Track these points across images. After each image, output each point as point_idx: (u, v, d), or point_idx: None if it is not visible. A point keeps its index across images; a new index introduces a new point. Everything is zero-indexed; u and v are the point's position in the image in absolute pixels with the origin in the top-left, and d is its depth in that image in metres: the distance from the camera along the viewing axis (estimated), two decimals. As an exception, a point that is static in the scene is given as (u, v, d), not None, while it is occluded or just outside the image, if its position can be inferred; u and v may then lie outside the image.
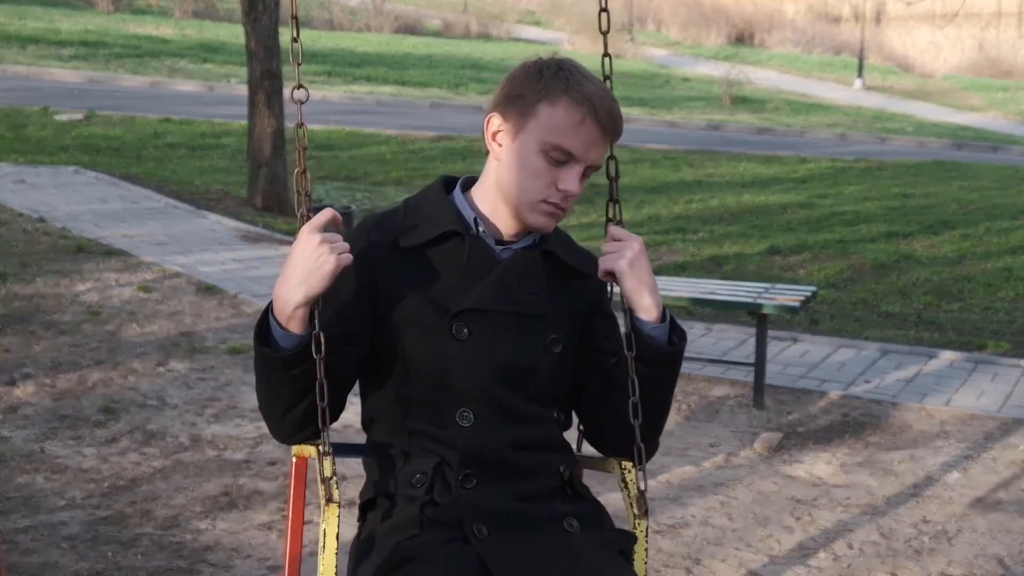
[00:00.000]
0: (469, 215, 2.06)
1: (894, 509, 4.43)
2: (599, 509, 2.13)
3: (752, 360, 5.70)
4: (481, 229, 2.05)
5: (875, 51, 36.37)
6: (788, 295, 5.72)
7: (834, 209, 12.41)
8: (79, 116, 14.10)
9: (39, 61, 20.06)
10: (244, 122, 10.65)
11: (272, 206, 9.95)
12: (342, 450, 2.12)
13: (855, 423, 5.47)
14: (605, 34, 2.12)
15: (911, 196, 13.75)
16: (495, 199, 2.05)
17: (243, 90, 10.93)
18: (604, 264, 2.00)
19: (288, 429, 2.01)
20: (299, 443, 2.06)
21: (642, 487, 2.07)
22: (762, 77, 30.11)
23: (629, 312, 2.02)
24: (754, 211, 12.03)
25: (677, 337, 2.04)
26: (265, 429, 4.97)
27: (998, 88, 32.87)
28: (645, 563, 2.10)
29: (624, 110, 2.07)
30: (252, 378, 5.58)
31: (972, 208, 13.08)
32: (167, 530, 3.92)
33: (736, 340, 6.82)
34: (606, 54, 2.11)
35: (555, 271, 2.08)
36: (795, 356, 6.55)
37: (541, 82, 1.97)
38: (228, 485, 4.31)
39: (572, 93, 1.95)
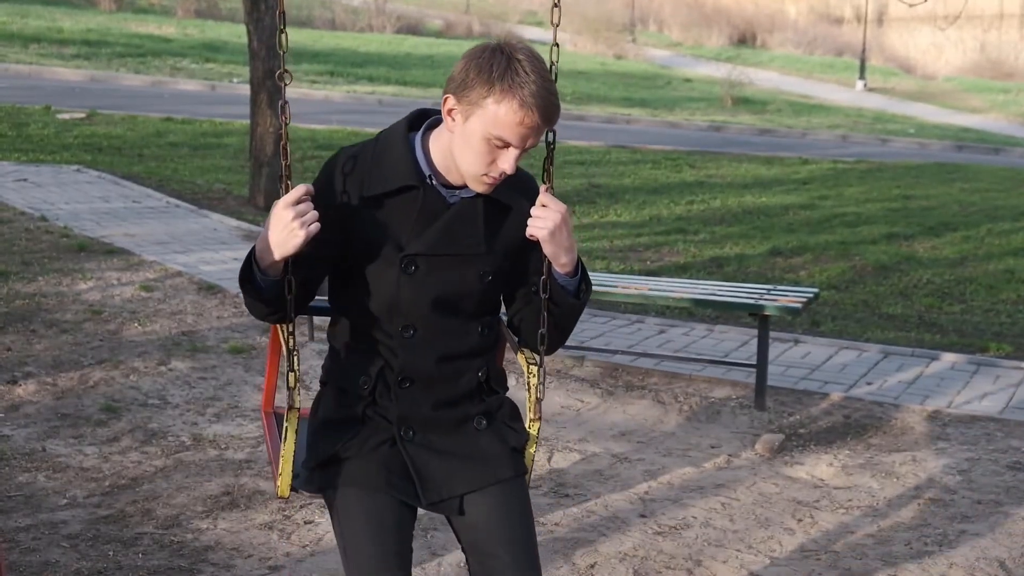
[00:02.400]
0: (425, 169, 2.41)
1: (895, 511, 4.43)
2: (505, 403, 2.56)
3: (753, 361, 5.69)
4: (434, 181, 2.41)
5: (877, 52, 36.38)
6: (790, 296, 5.72)
7: (835, 210, 12.41)
8: (81, 115, 14.10)
9: (41, 60, 20.07)
10: (246, 121, 10.66)
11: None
12: (311, 311, 2.83)
13: (857, 425, 5.47)
14: (556, 26, 2.46)
15: (912, 198, 13.75)
16: (447, 156, 2.39)
17: (245, 89, 10.95)
18: (530, 229, 2.37)
19: (266, 321, 2.51)
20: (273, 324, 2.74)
21: (540, 395, 2.52)
22: (763, 78, 30.11)
23: (547, 263, 2.41)
24: (755, 212, 12.03)
25: (585, 286, 2.48)
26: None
27: (999, 90, 32.86)
28: (534, 458, 2.57)
29: (625, 111, 2.15)
30: (253, 377, 5.56)
31: (973, 210, 13.08)
32: (168, 529, 3.92)
33: (737, 341, 6.82)
34: (555, 44, 2.45)
35: (494, 211, 2.45)
36: (797, 357, 6.55)
37: (490, 77, 2.26)
38: (229, 484, 4.31)
39: (515, 94, 2.25)
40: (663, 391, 5.81)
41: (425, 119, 2.48)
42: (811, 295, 5.83)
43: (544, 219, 2.35)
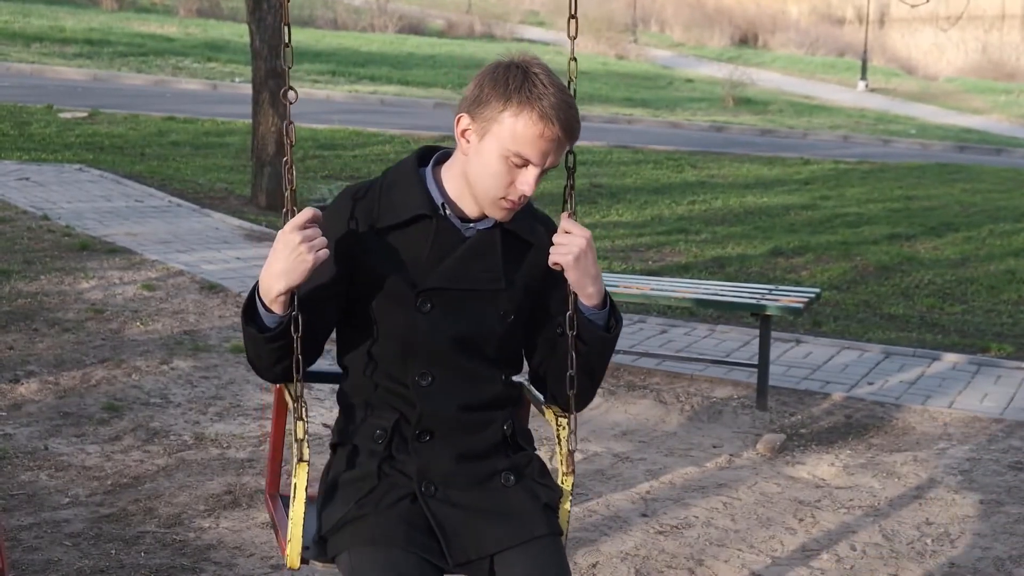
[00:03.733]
0: (438, 198, 2.28)
1: (897, 511, 4.43)
2: (534, 460, 2.37)
3: (755, 361, 5.69)
4: (448, 212, 2.28)
5: (878, 53, 36.37)
6: (792, 296, 5.72)
7: (837, 211, 12.41)
8: (83, 114, 14.11)
9: (43, 59, 20.08)
10: (248, 121, 10.66)
11: (276, 205, 9.95)
12: (316, 377, 2.64)
13: (858, 425, 5.47)
14: (573, 39, 2.35)
15: (914, 198, 13.75)
16: (462, 185, 2.26)
17: (247, 89, 10.96)
18: (553, 256, 2.22)
19: (271, 377, 2.28)
20: (280, 383, 2.43)
21: (572, 446, 2.35)
22: (765, 78, 30.12)
23: (573, 296, 2.26)
24: (757, 212, 12.03)
25: (615, 321, 2.31)
26: (269, 427, 4.96)
27: (1001, 90, 32.86)
28: (569, 515, 2.38)
29: (627, 111, 2.14)
30: (255, 377, 5.57)
31: (975, 210, 13.08)
32: (170, 528, 3.92)
33: (739, 341, 6.82)
34: (572, 58, 2.32)
35: (513, 245, 2.31)
36: (798, 357, 6.55)
37: (507, 91, 2.15)
38: (231, 483, 4.32)
39: (534, 107, 2.14)
40: (665, 391, 5.82)
41: (432, 154, 2.35)
42: (813, 295, 5.83)
43: (568, 245, 2.20)
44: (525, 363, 2.45)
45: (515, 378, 2.42)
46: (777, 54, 36.69)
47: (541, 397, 2.47)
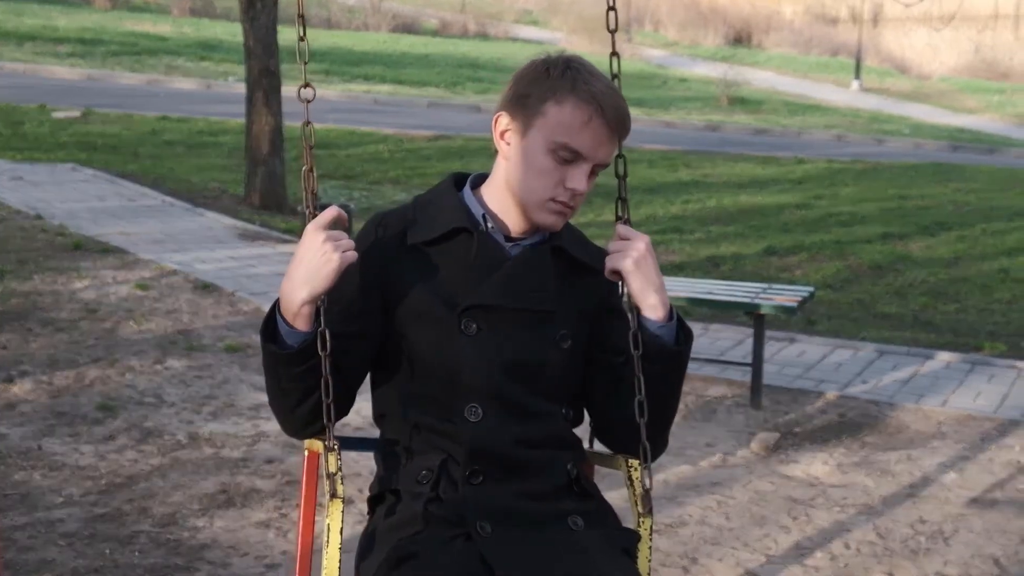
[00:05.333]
0: (478, 212, 2.06)
1: (891, 509, 4.44)
2: (605, 507, 2.11)
3: (749, 360, 5.70)
4: (490, 225, 2.05)
5: (872, 53, 36.40)
6: (786, 295, 5.73)
7: (831, 210, 12.43)
8: (76, 113, 14.08)
9: (36, 58, 20.04)
10: (242, 120, 10.64)
11: (270, 204, 9.95)
12: (350, 444, 2.18)
13: (852, 423, 5.48)
14: (613, 32, 2.13)
15: (908, 197, 13.77)
16: (504, 197, 2.05)
17: (241, 88, 10.94)
18: (611, 263, 1.99)
19: (297, 424, 2.01)
20: (309, 437, 2.07)
21: (647, 485, 2.07)
22: (759, 78, 30.13)
23: (635, 310, 2.01)
24: (751, 212, 12.04)
25: (684, 336, 2.03)
26: (263, 427, 4.97)
27: (994, 90, 32.90)
28: (649, 561, 2.11)
29: None
30: (249, 376, 5.55)
31: (968, 210, 13.10)
32: (164, 528, 3.91)
33: (733, 340, 6.83)
34: (614, 53, 2.12)
35: (565, 268, 2.07)
36: (792, 356, 6.56)
37: (548, 81, 1.97)
38: (225, 483, 4.31)
39: (579, 92, 1.95)
40: (659, 390, 5.81)
41: (467, 177, 2.13)
42: (806, 294, 5.84)
43: (626, 250, 1.97)
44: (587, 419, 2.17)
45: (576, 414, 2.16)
46: (771, 53, 36.69)
47: (608, 451, 2.18)
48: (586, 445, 2.20)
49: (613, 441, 2.16)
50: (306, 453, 2.17)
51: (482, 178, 2.12)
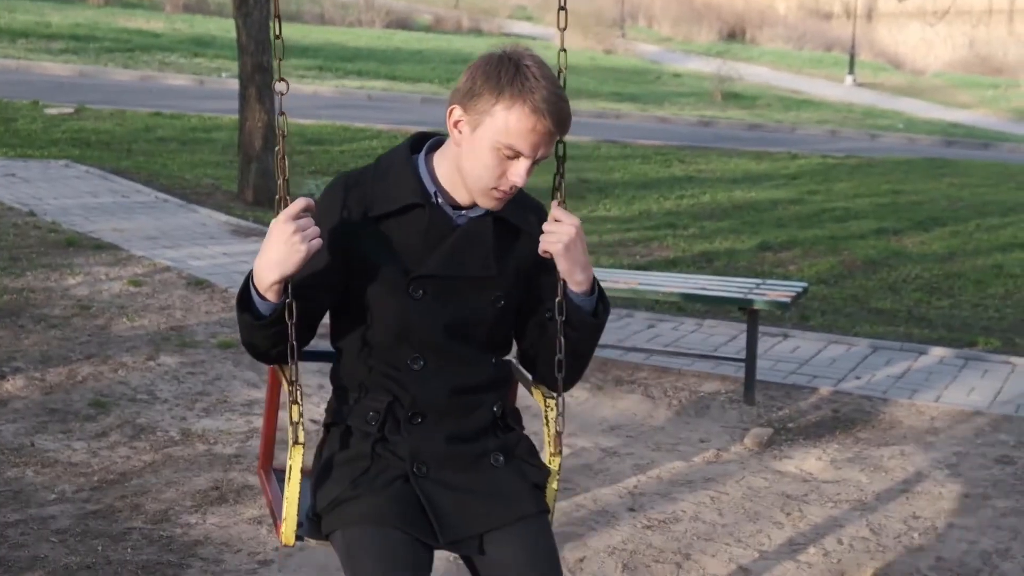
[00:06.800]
0: (430, 187, 2.33)
1: (884, 505, 4.44)
2: (523, 440, 2.45)
3: (743, 356, 5.70)
4: (440, 200, 2.33)
5: (866, 48, 36.43)
6: (779, 291, 5.73)
7: (825, 205, 12.44)
8: (69, 110, 14.05)
9: (29, 54, 19.99)
10: (235, 116, 10.64)
11: (263, 200, 9.93)
12: (310, 357, 2.68)
13: (845, 419, 5.48)
14: (563, 30, 2.34)
15: (901, 193, 13.79)
16: (453, 174, 2.31)
17: (234, 84, 10.93)
18: (543, 244, 2.28)
19: (265, 360, 2.38)
20: (273, 364, 2.47)
21: (560, 427, 2.41)
22: (753, 73, 30.14)
23: (562, 283, 2.31)
24: (745, 207, 12.05)
25: (603, 307, 2.36)
26: (255, 423, 4.97)
27: (988, 85, 32.96)
28: (556, 492, 2.45)
29: (615, 106, 2.14)
30: (242, 372, 5.55)
31: (962, 205, 13.12)
32: (157, 524, 3.91)
33: (726, 336, 6.83)
34: (562, 48, 2.32)
35: (504, 232, 2.36)
36: (786, 352, 6.56)
37: (499, 84, 2.18)
38: (218, 479, 4.31)
39: (527, 100, 2.17)
40: (652, 385, 5.82)
41: (426, 141, 2.40)
42: (800, 290, 5.84)
43: (557, 233, 2.26)
44: (514, 344, 2.50)
45: (504, 357, 2.48)
46: (765, 49, 36.72)
47: (530, 376, 2.53)
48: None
49: (535, 374, 2.52)
50: (269, 368, 2.70)
51: (439, 142, 2.38)
